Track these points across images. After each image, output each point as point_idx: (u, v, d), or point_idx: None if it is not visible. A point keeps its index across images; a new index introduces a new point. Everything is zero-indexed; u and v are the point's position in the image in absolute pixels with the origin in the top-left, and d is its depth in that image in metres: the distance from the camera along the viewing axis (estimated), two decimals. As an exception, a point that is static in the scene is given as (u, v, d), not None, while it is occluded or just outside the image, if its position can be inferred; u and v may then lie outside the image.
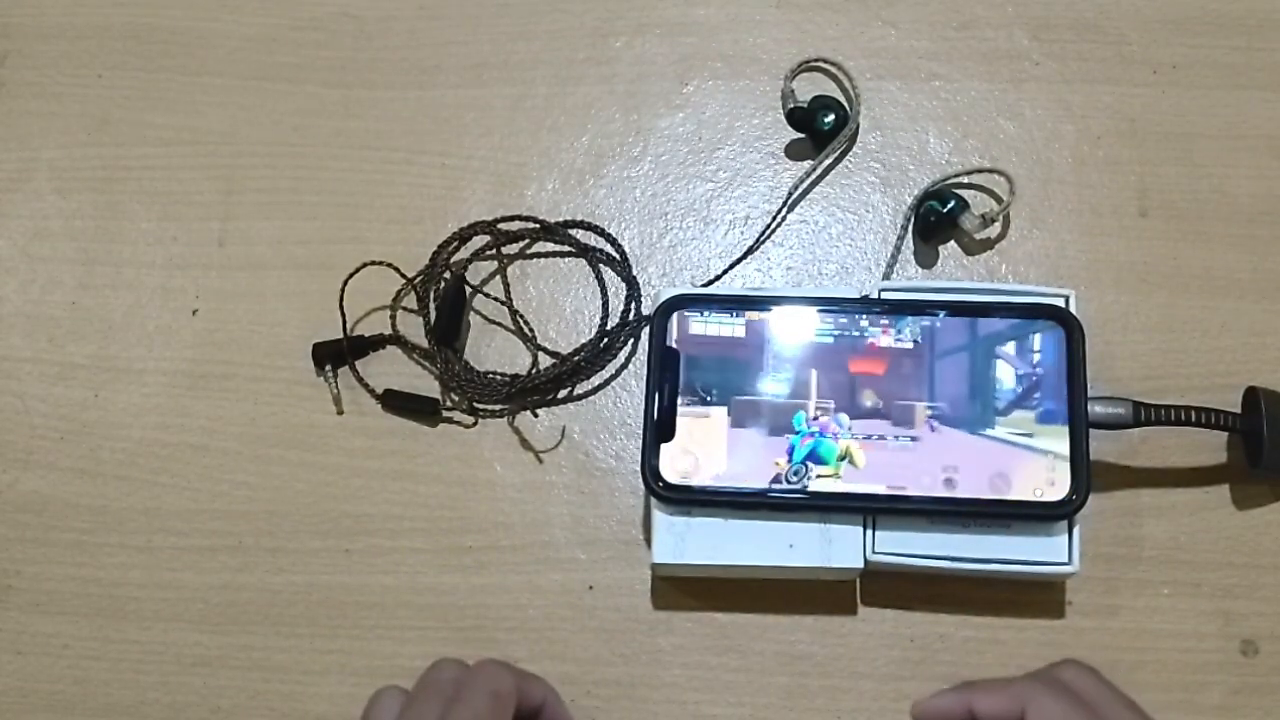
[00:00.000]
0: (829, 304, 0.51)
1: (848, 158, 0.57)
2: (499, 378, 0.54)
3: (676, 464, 0.49)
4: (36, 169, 0.59)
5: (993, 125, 0.57)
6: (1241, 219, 0.55)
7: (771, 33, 0.59)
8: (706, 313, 0.51)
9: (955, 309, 0.50)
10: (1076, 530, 0.47)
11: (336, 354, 0.55)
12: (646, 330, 0.51)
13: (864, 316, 0.50)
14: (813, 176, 0.56)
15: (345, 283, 0.54)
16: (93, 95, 0.60)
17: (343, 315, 0.54)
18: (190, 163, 0.59)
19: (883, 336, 0.50)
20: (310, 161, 0.58)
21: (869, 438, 0.49)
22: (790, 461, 0.48)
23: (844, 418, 0.49)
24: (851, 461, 0.48)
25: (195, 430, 0.54)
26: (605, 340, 0.55)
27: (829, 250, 0.56)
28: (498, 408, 0.54)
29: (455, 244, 0.56)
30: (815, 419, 0.49)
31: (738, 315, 0.51)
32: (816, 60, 0.58)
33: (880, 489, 0.48)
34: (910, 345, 0.50)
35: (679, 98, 0.59)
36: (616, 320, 0.55)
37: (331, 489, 0.53)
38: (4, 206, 0.59)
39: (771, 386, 0.50)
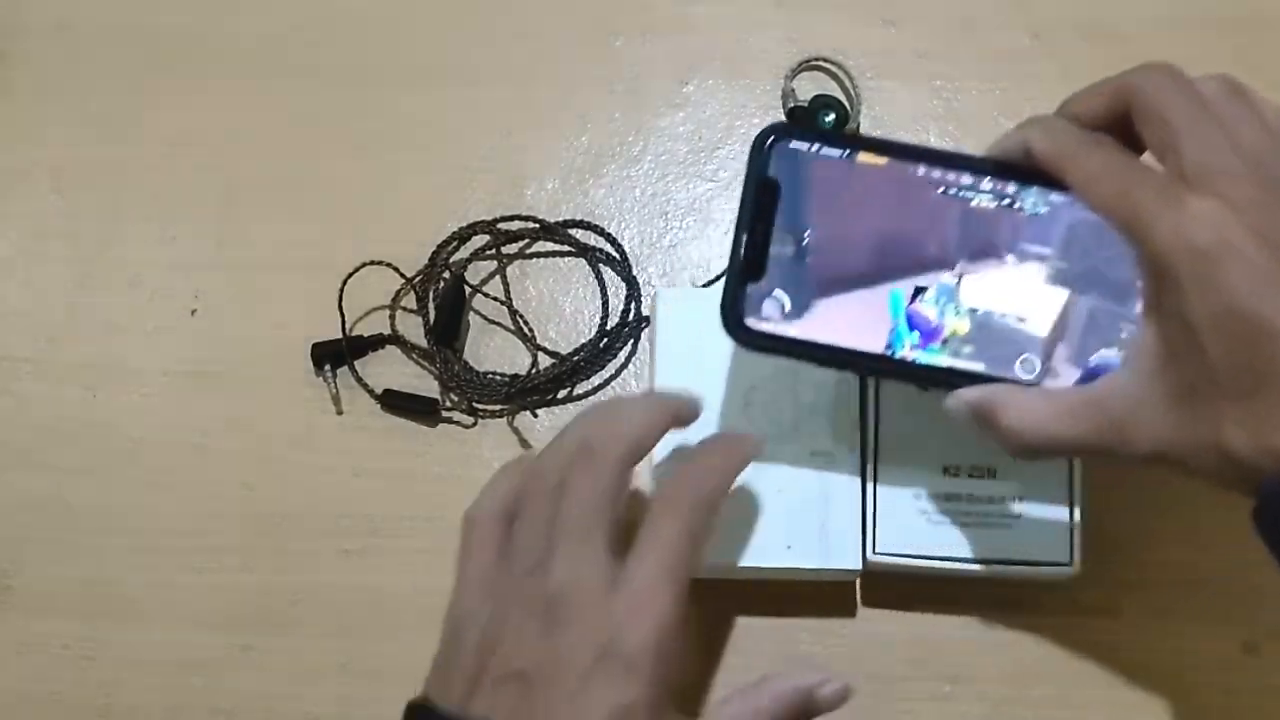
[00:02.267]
0: (953, 161, 0.45)
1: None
2: (498, 378, 0.54)
3: (762, 308, 0.45)
4: (35, 169, 0.59)
5: (994, 125, 0.57)
6: (1242, 219, 0.55)
7: (771, 32, 0.59)
8: (816, 148, 0.45)
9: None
10: (1077, 530, 0.47)
11: (336, 354, 0.55)
12: (747, 158, 0.45)
13: (991, 179, 0.44)
14: (813, 176, 0.56)
15: (344, 283, 0.54)
16: (92, 95, 0.60)
17: (342, 315, 0.54)
18: (190, 163, 0.58)
19: (1008, 203, 0.44)
20: (310, 161, 0.58)
21: (978, 311, 0.44)
22: (890, 323, 0.44)
23: (952, 285, 0.44)
24: (954, 334, 0.44)
25: (195, 430, 0.54)
26: (605, 340, 0.55)
27: (829, 250, 0.56)
28: (497, 408, 0.54)
29: (455, 244, 0.56)
30: (920, 284, 0.44)
31: (852, 157, 0.45)
32: (817, 59, 0.58)
33: (979, 368, 0.43)
34: (1040, 214, 0.44)
35: (679, 98, 0.59)
36: (616, 319, 0.55)
37: (331, 489, 0.53)
38: (4, 206, 0.59)
39: (877, 241, 0.45)
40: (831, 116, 0.56)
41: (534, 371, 0.54)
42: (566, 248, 0.56)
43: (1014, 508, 0.47)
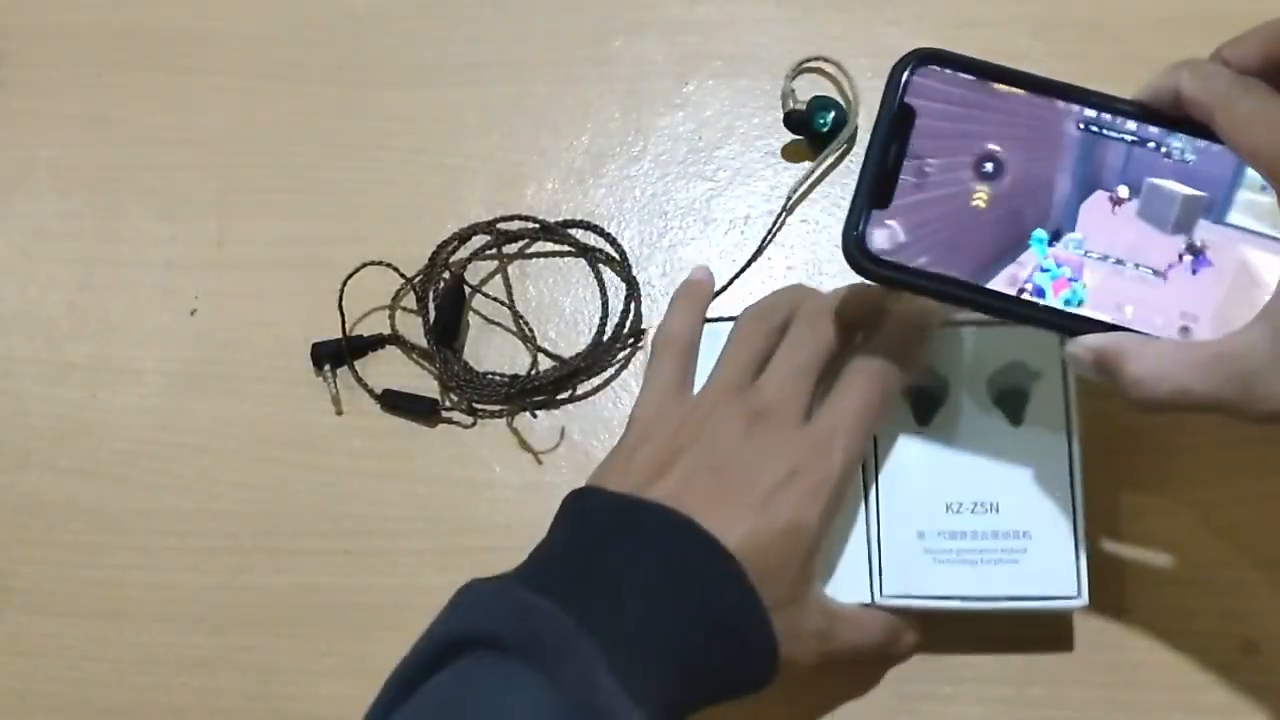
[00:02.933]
0: (1098, 101, 0.43)
1: (849, 157, 0.57)
2: (498, 378, 0.54)
3: (888, 236, 0.43)
4: (36, 169, 0.59)
5: (993, 125, 0.57)
6: (1243, 219, 0.55)
7: (771, 32, 0.59)
8: (960, 76, 0.43)
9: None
10: (1084, 561, 0.46)
11: (335, 354, 0.55)
12: (887, 82, 0.44)
13: (1137, 121, 0.43)
14: (811, 179, 0.56)
15: (344, 283, 0.54)
16: (92, 95, 0.60)
17: (342, 315, 0.54)
18: (189, 163, 0.59)
19: (1154, 147, 0.43)
20: (310, 161, 0.58)
21: (1111, 260, 0.42)
22: (1020, 263, 0.42)
23: (1089, 234, 0.42)
24: (1084, 284, 0.42)
25: (194, 430, 0.54)
26: (605, 341, 0.55)
27: (830, 250, 0.56)
28: (497, 408, 0.54)
29: (455, 244, 0.56)
30: (1055, 226, 0.43)
31: (995, 90, 0.43)
32: (817, 59, 0.58)
33: (1107, 318, 0.41)
34: (1187, 161, 0.42)
35: (679, 97, 0.59)
36: (616, 320, 0.55)
37: (331, 489, 0.53)
38: (3, 206, 0.59)
39: (1013, 179, 0.43)
40: (828, 119, 0.56)
41: (534, 372, 0.54)
42: (566, 248, 0.56)
43: (1019, 542, 0.46)
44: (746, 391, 0.45)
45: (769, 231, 0.56)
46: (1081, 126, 0.43)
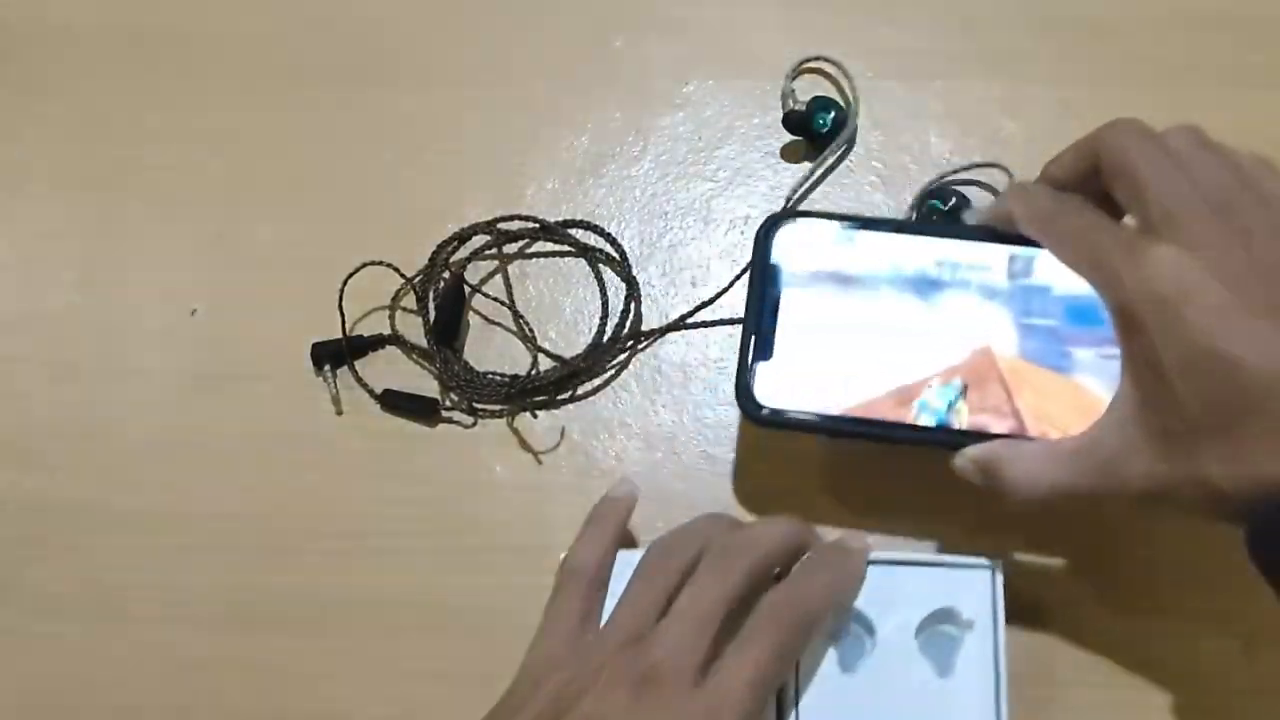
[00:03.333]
0: (948, 233, 0.47)
1: (849, 158, 0.57)
2: (498, 378, 0.54)
3: (774, 387, 0.46)
4: (35, 169, 0.59)
5: (994, 124, 0.57)
6: (1243, 219, 0.55)
7: (771, 32, 0.59)
8: (816, 231, 0.47)
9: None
10: (1005, 703, 0.44)
11: (336, 354, 0.55)
12: (751, 245, 0.48)
13: (982, 246, 0.46)
14: (811, 180, 0.56)
15: (344, 283, 0.54)
16: (92, 95, 0.60)
17: (342, 315, 0.54)
18: (190, 163, 0.59)
19: (1009, 274, 0.46)
20: (310, 161, 0.58)
21: (985, 374, 0.45)
22: (906, 395, 0.45)
23: (953, 354, 0.45)
24: (963, 398, 0.45)
25: (195, 430, 0.54)
26: (605, 341, 0.55)
27: (829, 250, 0.56)
28: (497, 408, 0.54)
29: (455, 244, 0.56)
30: (924, 353, 0.45)
31: (851, 238, 0.47)
32: (817, 59, 0.58)
33: (985, 428, 0.44)
34: (1026, 283, 0.46)
35: (679, 98, 0.59)
36: (616, 319, 0.55)
37: (331, 489, 0.53)
38: (3, 206, 0.59)
39: (880, 316, 0.46)
40: (827, 119, 0.56)
41: (534, 372, 0.54)
42: (566, 248, 0.56)
43: None
44: (640, 645, 0.41)
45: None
46: (937, 260, 0.47)
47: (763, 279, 0.47)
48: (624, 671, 0.40)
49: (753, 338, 0.47)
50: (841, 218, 0.48)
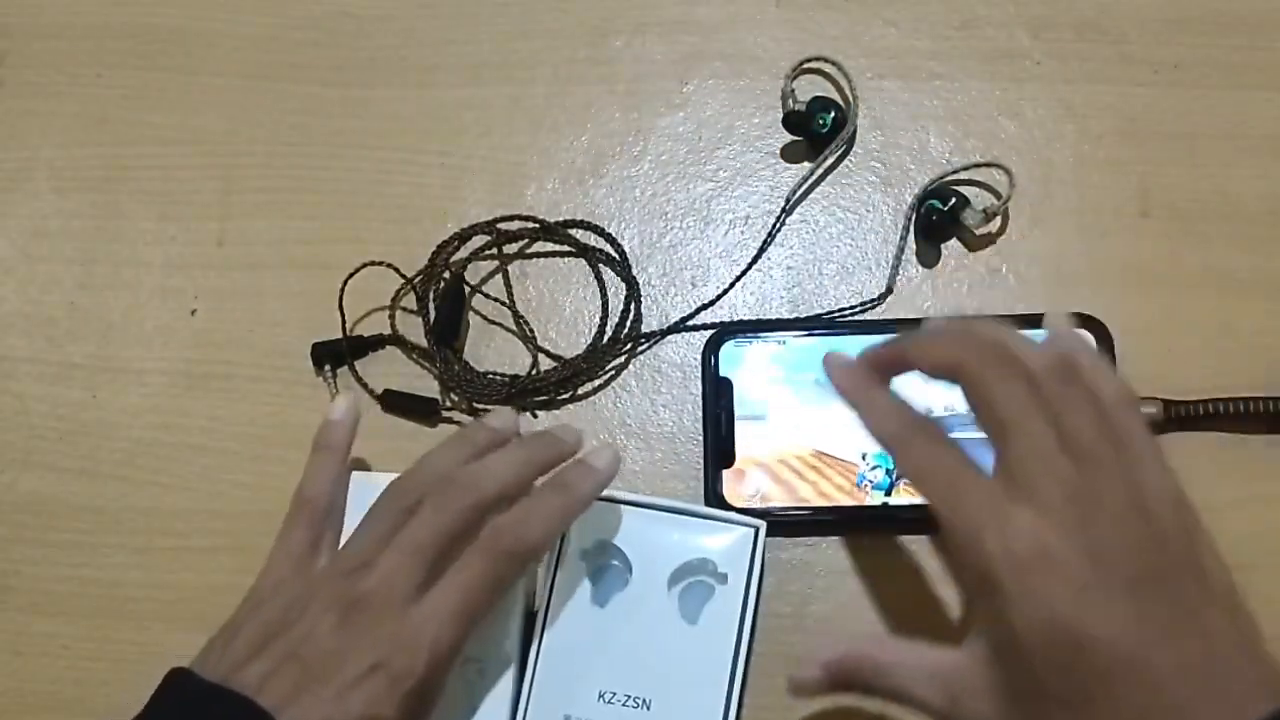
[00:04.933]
0: (871, 327, 0.53)
1: (849, 158, 0.57)
2: (498, 378, 0.54)
3: (740, 489, 0.50)
4: (35, 169, 0.59)
5: (993, 124, 0.57)
6: (1243, 219, 0.55)
7: (771, 32, 0.59)
8: (755, 341, 0.52)
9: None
10: (743, 658, 0.45)
11: (336, 354, 0.55)
12: (700, 358, 0.53)
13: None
14: (811, 180, 0.56)
15: (345, 283, 0.54)
16: (92, 95, 0.60)
17: (342, 315, 0.54)
18: (189, 162, 0.59)
19: None
20: (309, 161, 0.58)
21: None
22: (861, 478, 0.50)
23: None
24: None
25: (194, 430, 0.54)
26: (605, 341, 0.55)
27: (829, 250, 0.56)
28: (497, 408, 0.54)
29: (455, 244, 0.56)
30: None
31: (789, 340, 0.52)
32: (816, 59, 0.58)
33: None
34: None
35: (679, 97, 0.59)
36: (616, 320, 0.55)
37: (331, 489, 0.53)
38: (3, 206, 0.59)
39: (827, 407, 0.50)
40: (827, 119, 0.56)
41: (534, 372, 0.54)
42: (566, 248, 0.56)
43: None
44: (357, 573, 0.42)
45: (769, 234, 0.56)
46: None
47: (715, 392, 0.52)
48: (336, 596, 0.42)
49: (713, 447, 0.51)
50: (775, 325, 0.53)
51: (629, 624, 0.46)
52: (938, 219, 0.54)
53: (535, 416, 0.54)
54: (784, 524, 0.50)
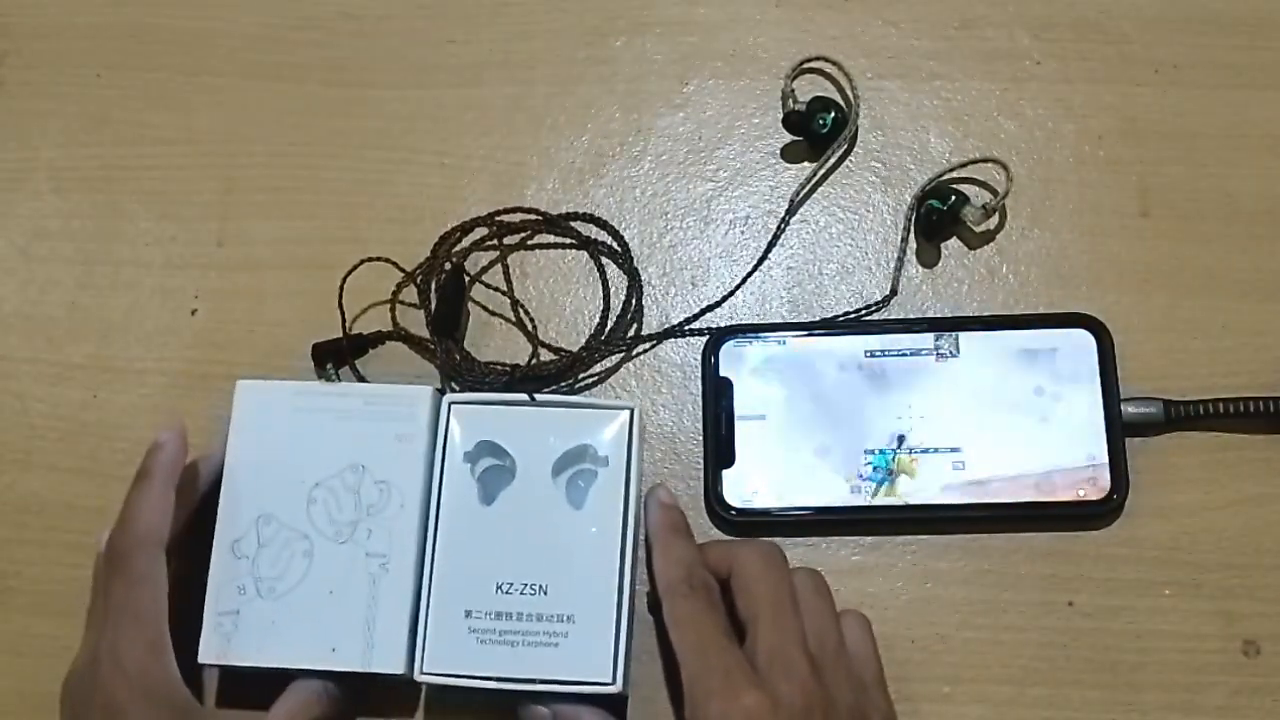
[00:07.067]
0: (870, 327, 0.53)
1: (849, 158, 0.57)
2: (499, 368, 0.54)
3: (740, 489, 0.51)
4: (35, 169, 0.59)
5: (993, 124, 0.57)
6: (1243, 219, 0.55)
7: (771, 32, 0.59)
8: (755, 341, 0.53)
9: (986, 324, 0.53)
10: (623, 648, 0.46)
11: (336, 353, 0.54)
12: (700, 358, 0.53)
13: (905, 334, 0.52)
14: (813, 181, 0.56)
15: (344, 280, 0.54)
16: (92, 95, 0.60)
17: (342, 314, 0.54)
18: (189, 162, 0.59)
19: (922, 353, 0.52)
20: (309, 161, 0.58)
21: (918, 451, 0.51)
22: (860, 478, 0.50)
23: (895, 434, 0.51)
24: (907, 475, 0.50)
25: (194, 430, 0.54)
26: (607, 334, 0.55)
27: (829, 250, 0.56)
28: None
29: (457, 235, 0.56)
30: (870, 437, 0.51)
31: (789, 340, 0.53)
32: (817, 60, 0.58)
33: (935, 500, 0.50)
34: (947, 359, 0.52)
35: (679, 97, 0.59)
36: (617, 313, 0.55)
37: (331, 489, 0.53)
38: (2, 206, 0.59)
39: (826, 408, 0.51)
40: (828, 120, 0.56)
41: (535, 361, 0.54)
42: (568, 240, 0.56)
43: (562, 626, 0.46)
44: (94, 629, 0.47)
45: (773, 237, 0.56)
46: (867, 352, 0.52)
47: (715, 392, 0.52)
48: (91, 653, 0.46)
49: (714, 447, 0.51)
50: (774, 328, 0.53)
51: (518, 517, 0.48)
52: (938, 218, 0.54)
53: (533, 400, 0.53)
54: (784, 524, 0.51)
